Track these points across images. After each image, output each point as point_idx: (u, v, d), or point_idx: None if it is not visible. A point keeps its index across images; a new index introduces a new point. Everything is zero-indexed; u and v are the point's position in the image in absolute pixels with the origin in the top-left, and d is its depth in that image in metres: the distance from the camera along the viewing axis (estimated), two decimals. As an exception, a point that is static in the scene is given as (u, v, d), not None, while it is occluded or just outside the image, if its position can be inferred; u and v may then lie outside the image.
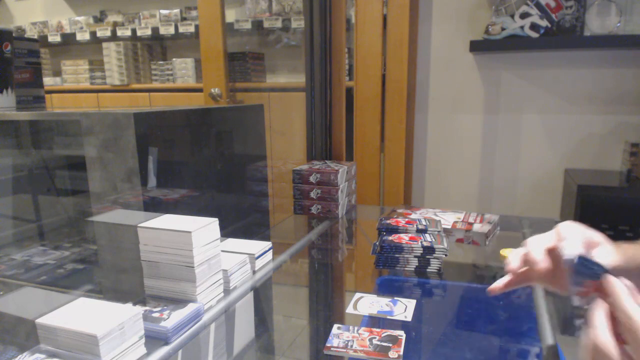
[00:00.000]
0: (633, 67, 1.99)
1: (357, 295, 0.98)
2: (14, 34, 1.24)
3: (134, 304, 0.81)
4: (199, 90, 2.74)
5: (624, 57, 1.99)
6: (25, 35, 3.43)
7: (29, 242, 1.36)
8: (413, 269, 1.11)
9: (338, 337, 0.81)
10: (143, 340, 0.71)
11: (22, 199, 1.39)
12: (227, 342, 0.85)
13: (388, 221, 1.23)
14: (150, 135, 0.98)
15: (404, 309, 0.91)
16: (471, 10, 2.16)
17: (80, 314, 0.69)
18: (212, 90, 2.58)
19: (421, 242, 1.10)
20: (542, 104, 2.13)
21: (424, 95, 2.30)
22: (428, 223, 1.21)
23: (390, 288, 1.10)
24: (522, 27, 1.96)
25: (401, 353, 0.76)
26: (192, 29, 2.99)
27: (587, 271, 0.55)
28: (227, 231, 1.20)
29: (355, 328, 0.83)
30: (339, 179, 1.51)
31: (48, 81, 3.38)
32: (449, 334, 0.88)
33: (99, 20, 3.37)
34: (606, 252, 0.61)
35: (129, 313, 0.68)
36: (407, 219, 1.26)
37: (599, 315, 0.53)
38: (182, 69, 3.05)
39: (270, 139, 2.58)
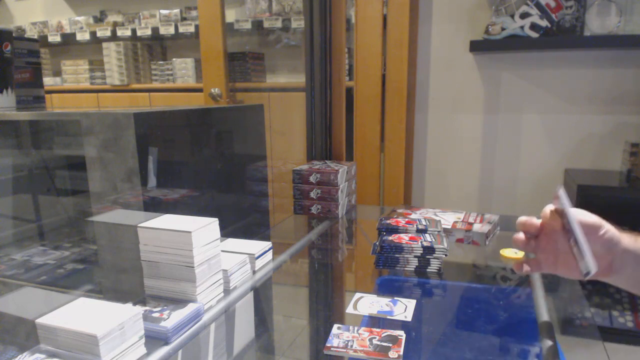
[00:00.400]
0: (633, 67, 1.99)
1: (357, 295, 0.98)
2: (14, 34, 1.25)
3: (134, 304, 0.81)
4: (199, 90, 2.74)
5: (624, 57, 1.99)
6: (25, 35, 3.43)
7: (29, 242, 1.36)
8: (413, 269, 1.11)
9: (338, 337, 0.81)
10: (143, 340, 0.71)
11: (22, 199, 1.39)
12: (227, 342, 0.85)
13: (388, 221, 1.23)
14: (150, 135, 0.98)
15: (404, 309, 0.91)
16: (471, 10, 2.16)
17: (80, 314, 0.69)
18: (212, 90, 2.58)
19: (421, 242, 1.10)
20: (542, 104, 2.13)
21: (424, 95, 2.30)
22: (428, 223, 1.21)
23: (390, 288, 1.10)
24: (522, 27, 1.96)
25: (401, 353, 0.76)
26: (192, 29, 2.99)
27: None
28: (227, 231, 1.20)
29: (355, 328, 0.83)
30: (339, 179, 1.51)
31: (48, 81, 3.38)
32: (449, 334, 0.88)
33: (99, 20, 3.37)
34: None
35: (129, 313, 0.68)
36: (407, 219, 1.26)
37: None
38: (182, 69, 3.05)
39: (270, 139, 2.58)
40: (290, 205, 1.58)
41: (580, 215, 0.71)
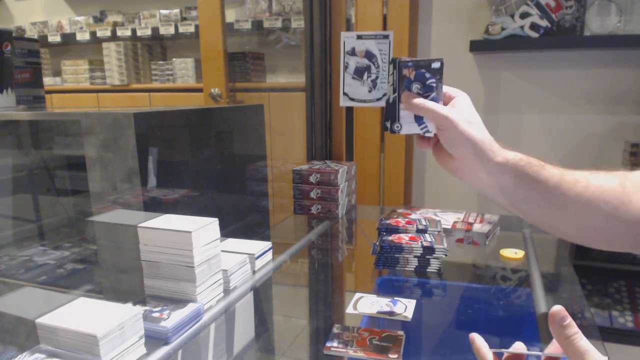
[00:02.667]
0: (633, 67, 1.99)
1: (357, 295, 0.98)
2: (14, 34, 1.24)
3: (134, 304, 0.81)
4: (199, 90, 2.74)
5: (624, 57, 1.99)
6: (25, 35, 3.43)
7: (29, 242, 1.36)
8: (413, 269, 1.11)
9: (338, 337, 0.81)
10: (143, 340, 0.71)
11: (22, 199, 1.39)
12: (227, 342, 0.85)
13: (388, 221, 1.23)
14: (150, 135, 0.98)
15: (404, 309, 0.91)
16: (471, 10, 2.16)
17: (80, 314, 0.69)
18: (212, 90, 2.58)
19: (421, 242, 1.10)
20: (542, 104, 2.13)
21: (424, 95, 2.30)
22: (428, 223, 1.21)
23: (390, 288, 1.10)
24: (522, 27, 1.96)
25: (401, 353, 0.76)
26: (192, 29, 2.99)
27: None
28: (227, 231, 1.20)
29: (355, 328, 0.83)
30: (339, 179, 1.51)
31: (48, 81, 3.38)
32: (449, 334, 0.88)
33: (99, 20, 3.37)
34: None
35: (129, 313, 0.68)
36: (407, 219, 1.26)
37: None
38: (182, 69, 3.05)
39: (270, 139, 2.58)
40: (290, 205, 1.58)
41: (433, 105, 0.71)
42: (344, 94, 0.63)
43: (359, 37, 0.73)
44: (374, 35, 0.76)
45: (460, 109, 0.71)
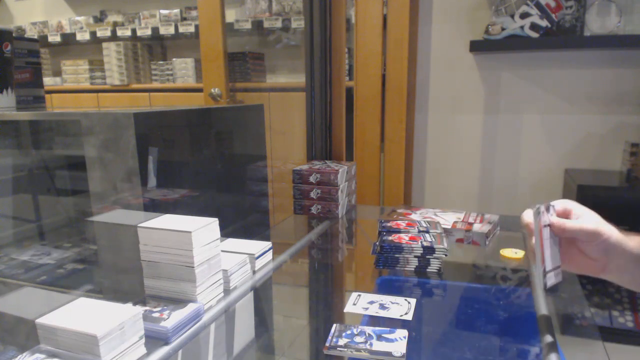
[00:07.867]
0: (633, 67, 1.99)
1: (357, 294, 0.98)
2: (14, 34, 1.24)
3: (134, 304, 0.81)
4: (199, 90, 2.74)
5: (624, 57, 1.99)
6: (25, 35, 3.43)
7: (29, 242, 1.36)
8: (413, 269, 1.11)
9: (338, 336, 0.81)
10: (143, 340, 0.71)
11: (22, 199, 1.39)
12: (227, 342, 0.85)
13: (388, 224, 1.23)
14: (150, 135, 0.98)
15: (404, 308, 0.91)
16: (471, 10, 2.16)
17: (80, 314, 0.69)
18: (212, 90, 2.58)
19: (421, 242, 1.10)
20: (542, 104, 2.13)
21: (424, 95, 2.30)
22: (428, 225, 1.21)
23: (390, 288, 1.10)
24: (522, 27, 1.96)
25: (402, 352, 0.75)
26: (192, 29, 2.99)
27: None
28: (227, 231, 1.20)
29: (355, 327, 0.83)
30: (339, 179, 1.51)
31: (48, 81, 3.38)
32: (449, 334, 0.88)
33: (99, 20, 3.37)
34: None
35: (129, 313, 0.68)
36: (407, 221, 1.26)
37: None
38: (182, 69, 3.05)
39: (270, 139, 2.58)
40: (290, 205, 1.58)
41: (577, 224, 0.72)
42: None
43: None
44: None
45: (591, 219, 0.74)
